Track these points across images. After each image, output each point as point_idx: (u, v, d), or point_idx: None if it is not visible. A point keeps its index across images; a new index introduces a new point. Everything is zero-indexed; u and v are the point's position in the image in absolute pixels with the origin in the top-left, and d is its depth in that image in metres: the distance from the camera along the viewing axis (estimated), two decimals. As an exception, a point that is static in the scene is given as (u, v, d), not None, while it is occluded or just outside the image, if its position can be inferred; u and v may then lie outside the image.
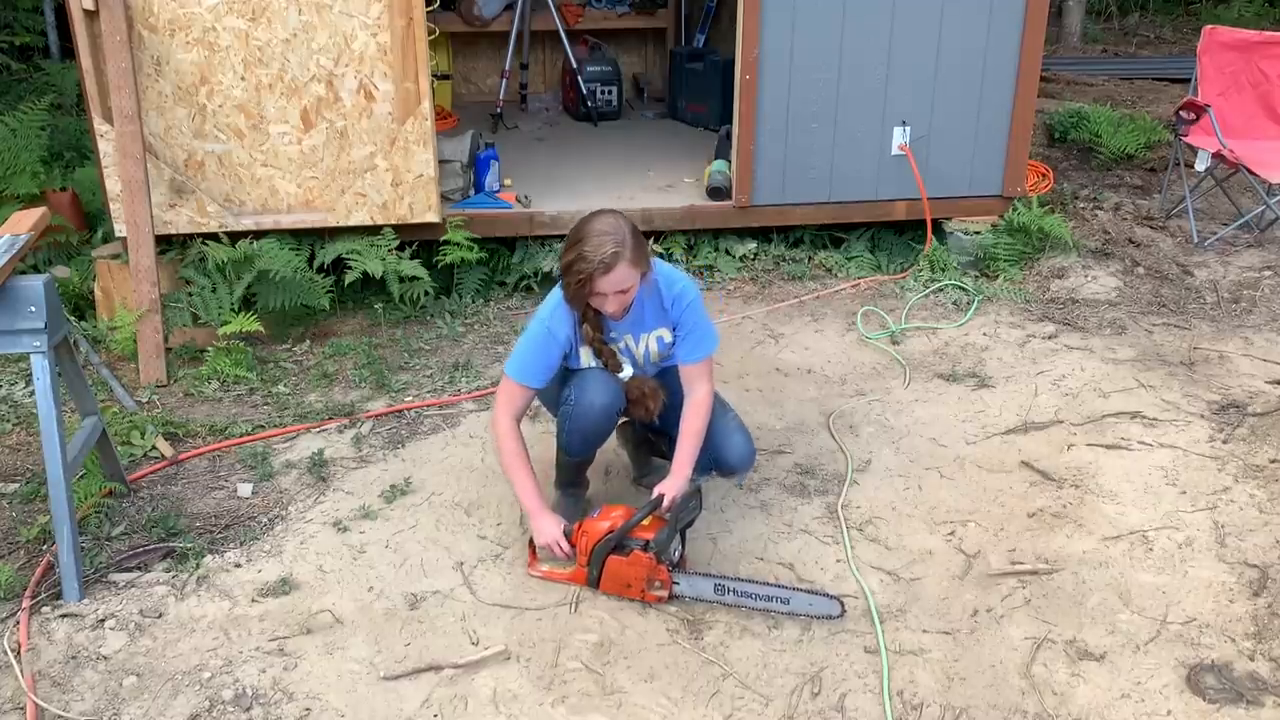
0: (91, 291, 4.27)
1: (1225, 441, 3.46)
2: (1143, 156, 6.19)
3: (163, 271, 4.07)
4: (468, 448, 3.48)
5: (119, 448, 3.31)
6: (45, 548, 2.92)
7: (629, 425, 3.22)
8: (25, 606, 2.68)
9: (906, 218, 4.88)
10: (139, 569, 2.87)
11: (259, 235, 4.19)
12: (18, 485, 3.25)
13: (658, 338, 2.91)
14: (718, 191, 4.77)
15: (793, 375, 3.97)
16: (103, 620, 2.66)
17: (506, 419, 2.80)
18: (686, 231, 4.82)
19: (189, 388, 3.86)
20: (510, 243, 4.69)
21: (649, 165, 5.32)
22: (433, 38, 4.14)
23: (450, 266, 4.50)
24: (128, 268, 3.99)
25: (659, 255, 4.66)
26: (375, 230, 4.28)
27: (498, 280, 4.67)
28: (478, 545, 2.99)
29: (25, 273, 2.77)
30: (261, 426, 3.60)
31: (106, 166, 4.03)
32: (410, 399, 3.78)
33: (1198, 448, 3.43)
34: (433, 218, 4.33)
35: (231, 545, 2.97)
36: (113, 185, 4.04)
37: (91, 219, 4.85)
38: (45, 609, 2.70)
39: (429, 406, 3.74)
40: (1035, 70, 4.65)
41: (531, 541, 2.86)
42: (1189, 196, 5.23)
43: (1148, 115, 6.61)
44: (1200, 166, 5.04)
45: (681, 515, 2.72)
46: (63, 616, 2.68)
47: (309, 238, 4.29)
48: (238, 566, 2.88)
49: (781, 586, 2.69)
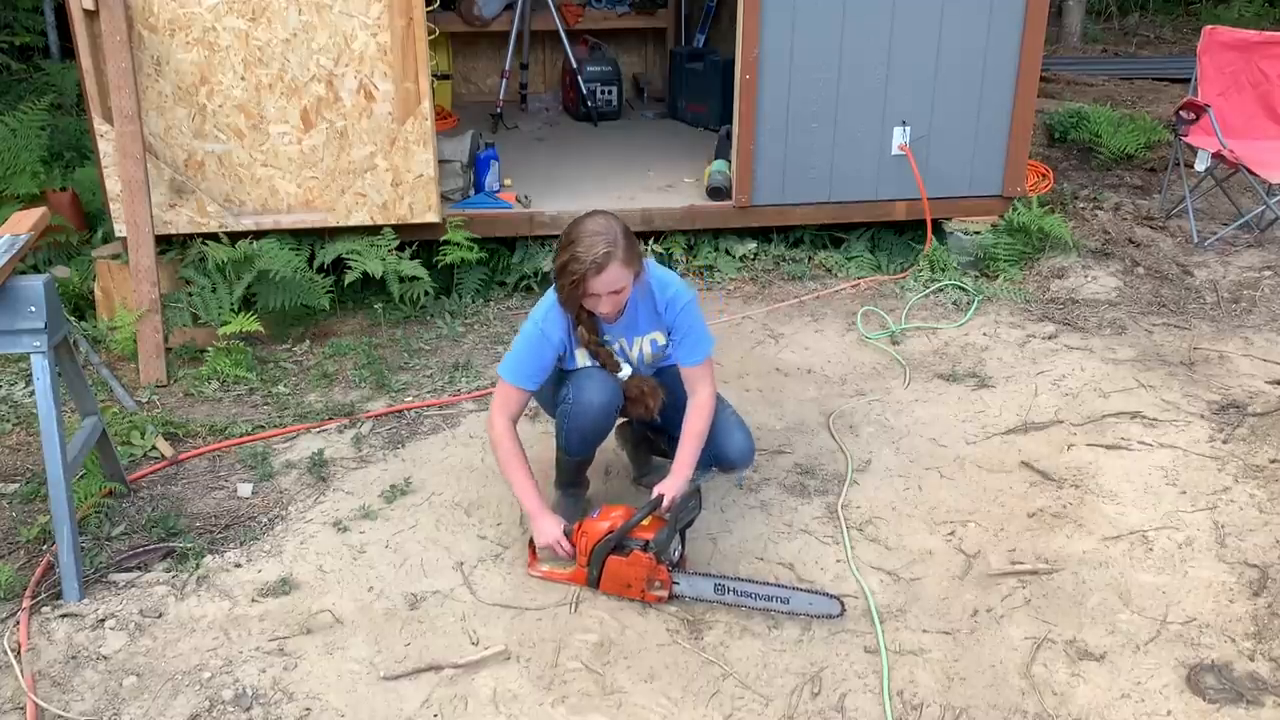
0: (91, 291, 4.27)
1: (1225, 441, 3.46)
2: (1143, 156, 6.19)
3: (163, 271, 4.07)
4: (468, 448, 3.48)
5: (119, 448, 3.31)
6: (45, 548, 2.92)
7: (628, 425, 3.22)
8: (25, 606, 2.68)
9: (906, 218, 4.88)
10: (139, 569, 2.87)
11: (259, 235, 4.19)
12: (18, 485, 3.25)
13: (651, 341, 2.91)
14: (718, 191, 4.77)
15: (793, 375, 3.97)
16: (103, 620, 2.66)
17: (503, 421, 2.80)
18: (686, 231, 4.82)
19: (189, 388, 3.86)
20: (510, 243, 4.69)
21: (649, 165, 5.32)
22: (433, 38, 4.14)
23: (450, 266, 4.50)
24: (128, 268, 4.00)
25: (658, 256, 4.66)
26: (375, 230, 4.28)
27: (498, 280, 4.67)
28: (478, 545, 2.99)
29: (25, 273, 2.77)
30: (261, 426, 3.60)
31: (106, 166, 4.03)
32: (410, 399, 3.78)
33: (1198, 448, 3.43)
34: (433, 218, 4.33)
35: (231, 545, 2.97)
36: (113, 185, 4.04)
37: (91, 219, 4.85)
38: (45, 609, 2.70)
39: (429, 406, 3.74)
40: (1035, 70, 4.65)
41: (532, 541, 2.86)
42: (1189, 196, 5.23)
43: (1148, 115, 6.61)
44: (1200, 166, 5.04)
45: (681, 515, 2.73)
46: (63, 616, 2.68)
47: (309, 238, 4.29)
48: (238, 566, 2.89)
49: (781, 586, 2.70)
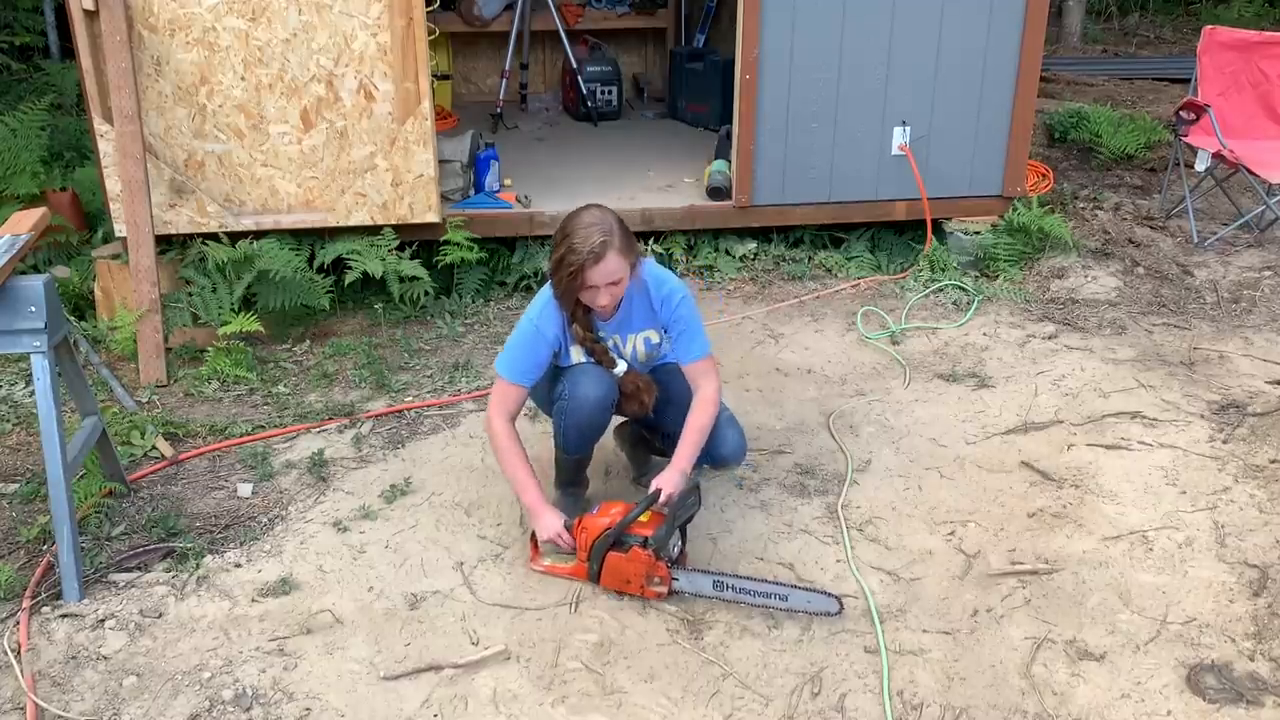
0: (91, 291, 4.27)
1: (1225, 441, 3.46)
2: (1143, 156, 6.20)
3: (163, 271, 4.07)
4: (468, 448, 3.48)
5: (119, 448, 3.31)
6: (45, 548, 2.92)
7: (626, 425, 3.23)
8: (25, 606, 2.68)
9: (906, 218, 4.88)
10: (139, 569, 2.87)
11: (259, 235, 4.19)
12: (18, 485, 3.25)
13: (645, 339, 2.91)
14: (718, 191, 4.77)
15: (793, 375, 3.97)
16: (103, 620, 2.66)
17: (501, 419, 2.81)
18: (686, 231, 4.82)
19: (189, 388, 3.86)
20: (510, 243, 4.69)
21: (649, 165, 5.32)
22: (433, 38, 4.14)
23: (450, 266, 4.50)
24: (128, 268, 4.00)
25: (658, 256, 4.66)
26: (375, 230, 4.28)
27: (498, 280, 4.67)
28: (478, 545, 2.99)
29: (25, 273, 2.77)
30: (261, 426, 3.60)
31: (106, 166, 4.03)
32: (410, 399, 3.78)
33: (1198, 448, 3.43)
34: (433, 218, 4.33)
35: (231, 545, 2.97)
36: (113, 185, 4.04)
37: (91, 219, 4.85)
38: (45, 609, 2.70)
39: (429, 406, 3.74)
40: (1035, 70, 4.65)
41: (534, 536, 2.86)
42: (1189, 196, 5.23)
43: (1148, 115, 6.61)
44: (1200, 166, 5.04)
45: (679, 511, 2.72)
46: (63, 616, 2.68)
47: (309, 238, 4.29)
48: (238, 566, 2.88)
49: (779, 584, 2.70)
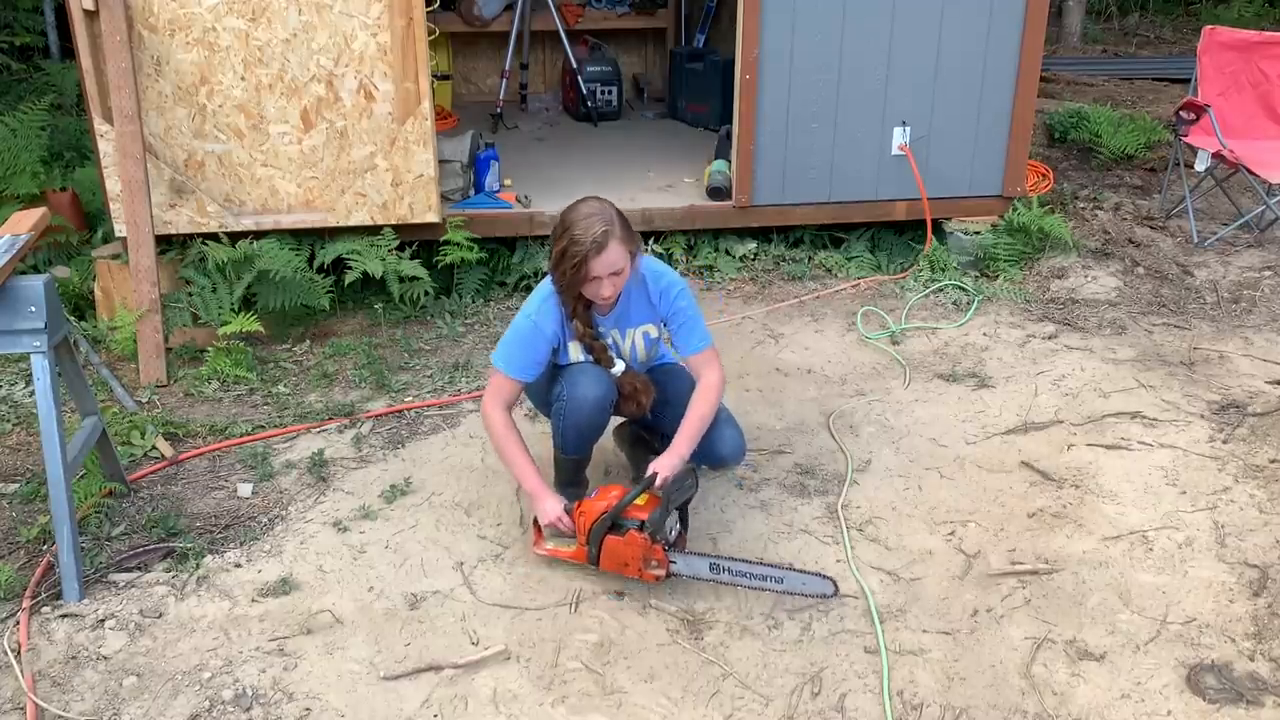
0: (91, 291, 4.27)
1: (1225, 441, 3.46)
2: (1143, 156, 6.20)
3: (163, 271, 4.07)
4: (468, 448, 3.48)
5: (119, 448, 3.31)
6: (45, 548, 2.92)
7: (625, 425, 3.23)
8: (25, 606, 2.68)
9: (906, 218, 4.88)
10: (139, 569, 2.87)
11: (259, 235, 4.19)
12: (18, 485, 3.25)
13: (644, 333, 2.91)
14: (718, 191, 4.77)
15: (793, 375, 3.97)
16: (103, 620, 2.66)
17: (497, 409, 2.82)
18: (686, 231, 4.82)
19: (189, 388, 3.86)
20: (510, 243, 4.69)
21: (649, 165, 5.32)
22: (433, 38, 4.14)
23: (450, 266, 4.50)
24: (128, 268, 4.00)
25: (658, 256, 4.66)
26: (375, 230, 4.28)
27: (498, 280, 4.67)
28: (478, 545, 2.99)
29: (25, 273, 2.77)
30: (261, 426, 3.60)
31: (106, 166, 4.03)
32: (410, 399, 3.78)
33: (1198, 448, 3.43)
34: (433, 218, 4.33)
35: (231, 545, 2.97)
36: (113, 185, 4.04)
37: (91, 219, 4.85)
38: (45, 609, 2.70)
39: (429, 406, 3.74)
40: (1035, 70, 4.65)
41: (536, 520, 2.86)
42: (1189, 196, 5.23)
43: (1148, 115, 6.61)
44: (1200, 166, 5.04)
45: (675, 495, 2.70)
46: (63, 616, 2.68)
47: (309, 238, 4.29)
48: (238, 566, 2.88)
49: (775, 566, 2.70)
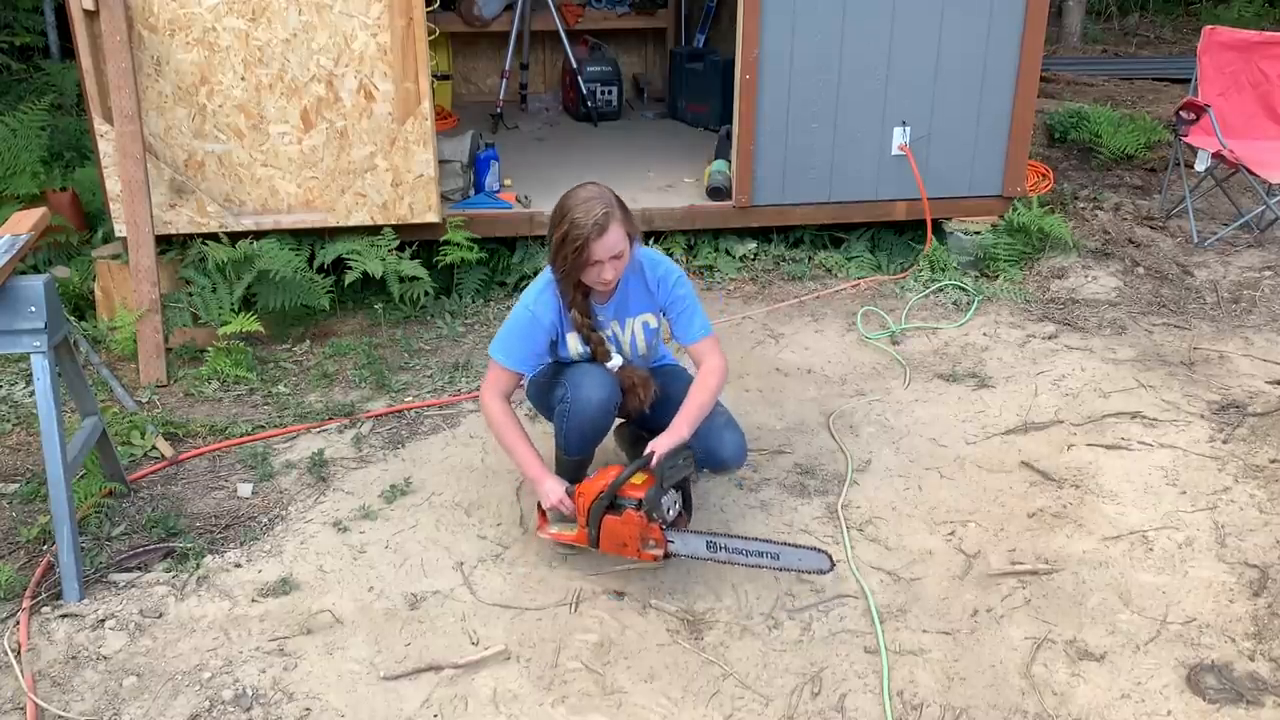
0: (91, 291, 4.27)
1: (1225, 441, 3.46)
2: (1143, 156, 6.19)
3: (163, 271, 4.07)
4: (468, 448, 3.48)
5: (119, 448, 3.31)
6: (45, 548, 2.92)
7: (625, 425, 3.23)
8: (25, 606, 2.68)
9: (906, 218, 4.88)
10: (139, 569, 2.87)
11: (259, 235, 4.19)
12: (18, 485, 3.25)
13: (644, 323, 2.91)
14: (718, 191, 4.77)
15: (793, 375, 3.97)
16: (103, 620, 2.66)
17: (496, 399, 2.83)
18: (686, 231, 4.82)
19: (189, 388, 3.86)
20: (510, 243, 4.69)
21: (649, 165, 5.32)
22: (433, 38, 4.14)
23: (450, 266, 4.50)
24: (128, 268, 4.00)
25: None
26: (375, 230, 4.28)
27: (498, 280, 4.67)
28: (478, 545, 2.99)
29: (25, 273, 2.77)
30: (261, 426, 3.60)
31: (106, 166, 4.03)
32: (410, 399, 3.78)
33: (1198, 448, 3.43)
34: (433, 218, 4.33)
35: (231, 545, 2.97)
36: (113, 185, 4.04)
37: (91, 219, 4.85)
38: (45, 609, 2.70)
39: (429, 406, 3.74)
40: (1035, 71, 4.65)
41: (540, 504, 2.86)
42: (1189, 196, 5.23)
43: (1148, 115, 6.61)
44: (1200, 166, 5.04)
45: (669, 473, 2.65)
46: (63, 616, 2.68)
47: (309, 238, 4.29)
48: (238, 566, 2.89)
49: (770, 542, 2.68)
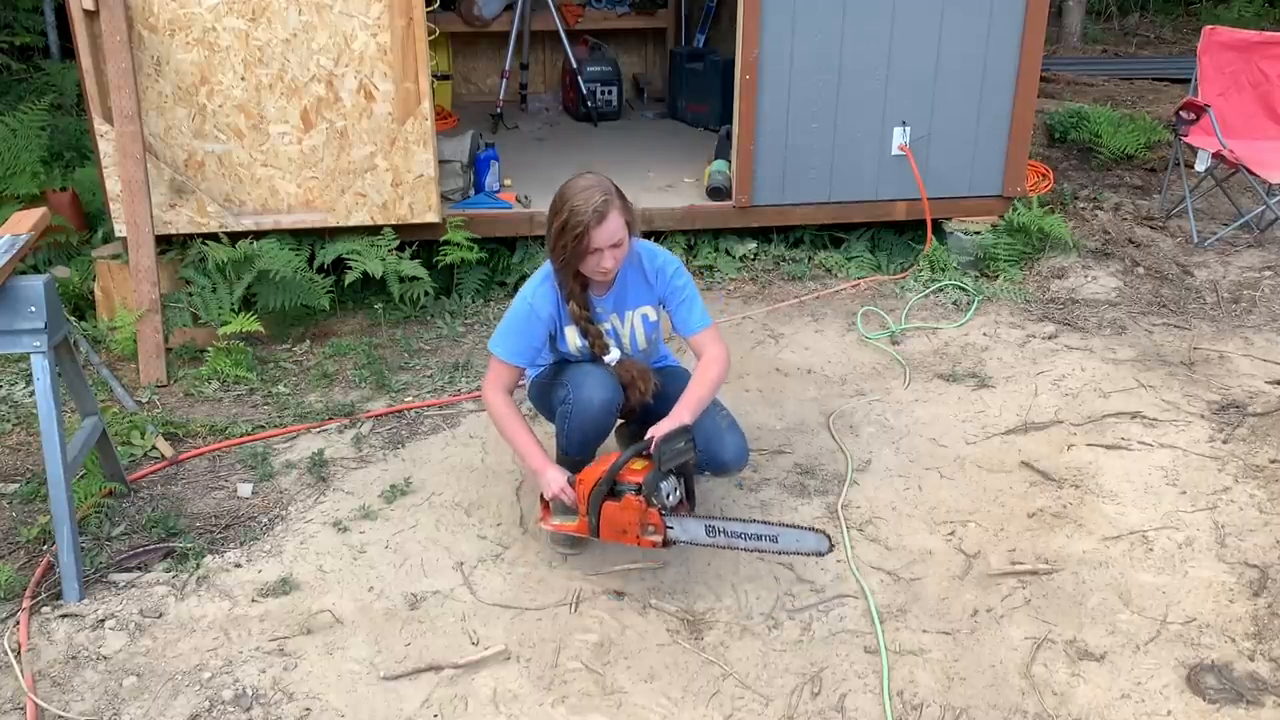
0: (91, 291, 4.27)
1: (1225, 441, 3.46)
2: (1143, 156, 6.19)
3: (163, 271, 4.07)
4: (468, 448, 3.48)
5: (119, 448, 3.31)
6: (45, 548, 2.92)
7: (625, 426, 3.22)
8: (25, 606, 2.68)
9: (906, 218, 4.88)
10: (139, 569, 2.87)
11: (259, 235, 4.19)
12: (18, 485, 3.25)
13: (643, 315, 2.91)
14: (718, 191, 4.77)
15: (793, 375, 3.97)
16: (103, 620, 2.66)
17: (498, 393, 2.83)
18: (686, 231, 4.82)
19: (189, 388, 3.86)
20: (510, 243, 4.69)
21: (649, 165, 5.32)
22: (433, 38, 4.14)
23: (450, 266, 4.50)
24: (128, 268, 4.00)
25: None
26: (375, 230, 4.28)
27: (498, 280, 4.67)
28: (478, 545, 2.99)
29: (25, 273, 2.77)
30: (261, 426, 3.60)
31: (106, 166, 4.03)
32: (410, 399, 3.78)
33: (1198, 448, 3.43)
34: (433, 218, 4.33)
35: (231, 545, 2.97)
36: (113, 185, 4.04)
37: (91, 219, 4.85)
38: (45, 609, 2.70)
39: (429, 406, 3.74)
40: (1035, 71, 4.65)
41: (542, 495, 2.86)
42: (1189, 196, 5.23)
43: (1148, 115, 6.61)
44: (1200, 166, 5.04)
45: (667, 455, 2.61)
46: (63, 616, 2.68)
47: (309, 238, 4.29)
48: (238, 566, 2.89)
49: (768, 524, 2.66)
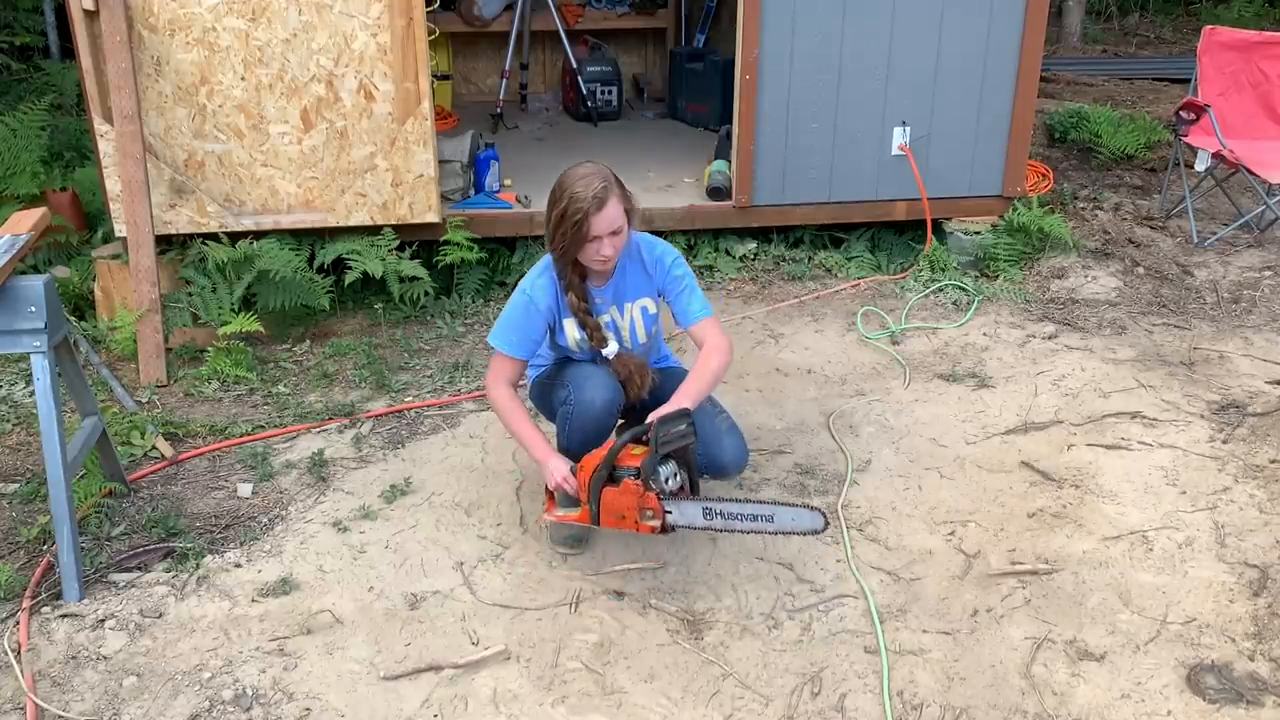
0: (91, 291, 4.27)
1: (1225, 441, 3.46)
2: (1143, 156, 6.19)
3: (163, 271, 4.07)
4: (468, 448, 3.48)
5: (119, 448, 3.31)
6: (45, 548, 2.92)
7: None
8: (25, 606, 2.68)
9: (906, 218, 4.88)
10: (139, 569, 2.87)
11: (259, 235, 4.19)
12: (18, 485, 3.25)
13: (642, 308, 2.91)
14: (718, 191, 4.77)
15: (793, 375, 3.97)
16: (103, 620, 2.66)
17: (501, 387, 2.84)
18: (686, 231, 4.82)
19: (189, 388, 3.86)
20: (510, 243, 4.69)
21: (649, 165, 5.32)
22: (433, 38, 4.14)
23: (450, 266, 4.50)
24: (128, 268, 4.00)
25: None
26: (375, 230, 4.28)
27: (498, 280, 4.67)
28: (478, 545, 2.99)
29: (25, 273, 2.77)
30: (261, 426, 3.60)
31: (106, 166, 4.03)
32: (410, 399, 3.78)
33: (1198, 448, 3.43)
34: (433, 218, 4.33)
35: (231, 545, 2.97)
36: (113, 185, 4.04)
37: (91, 219, 4.85)
38: (45, 609, 2.70)
39: (429, 406, 3.74)
40: (1035, 71, 4.65)
41: (547, 486, 2.85)
42: (1189, 196, 5.23)
43: (1148, 115, 6.61)
44: (1200, 166, 5.04)
45: (664, 438, 2.59)
46: (63, 616, 2.68)
47: (309, 238, 4.29)
48: (238, 566, 2.89)
49: (764, 503, 2.65)
